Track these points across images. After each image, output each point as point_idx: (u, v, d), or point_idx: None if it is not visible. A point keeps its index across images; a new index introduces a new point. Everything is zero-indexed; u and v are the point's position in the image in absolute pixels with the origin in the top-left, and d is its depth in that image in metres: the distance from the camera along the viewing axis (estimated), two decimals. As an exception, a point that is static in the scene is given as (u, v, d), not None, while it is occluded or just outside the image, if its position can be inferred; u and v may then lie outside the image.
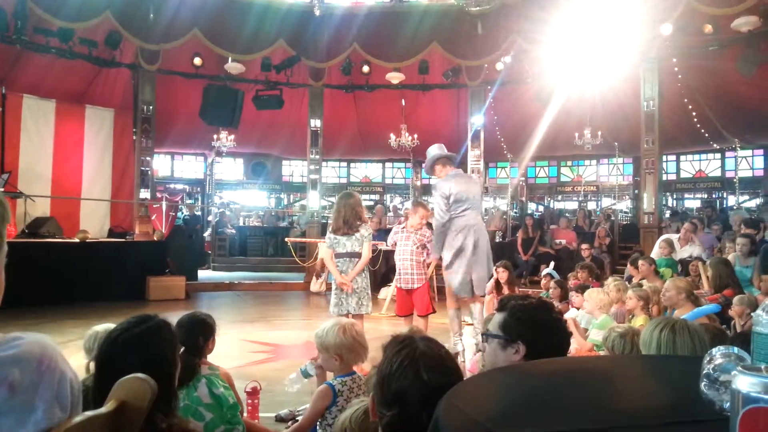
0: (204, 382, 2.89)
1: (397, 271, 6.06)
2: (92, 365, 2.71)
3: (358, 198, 5.44)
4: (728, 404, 0.82)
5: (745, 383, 0.76)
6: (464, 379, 1.50)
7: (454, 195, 5.40)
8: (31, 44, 9.92)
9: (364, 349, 2.95)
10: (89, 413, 1.09)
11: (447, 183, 5.45)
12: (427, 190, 20.63)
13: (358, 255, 5.22)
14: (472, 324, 6.89)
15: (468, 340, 6.48)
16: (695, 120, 13.07)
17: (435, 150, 5.74)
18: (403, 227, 6.13)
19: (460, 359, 5.06)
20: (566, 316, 5.13)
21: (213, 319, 3.12)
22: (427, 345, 1.52)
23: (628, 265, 7.03)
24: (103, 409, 1.14)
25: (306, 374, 3.32)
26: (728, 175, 17.49)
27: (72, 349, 5.13)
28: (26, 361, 0.98)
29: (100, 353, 1.78)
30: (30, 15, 9.49)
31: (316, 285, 11.19)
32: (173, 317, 1.94)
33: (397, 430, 1.42)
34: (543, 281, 7.42)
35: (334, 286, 5.38)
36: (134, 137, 11.60)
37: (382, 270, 10.24)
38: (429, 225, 6.24)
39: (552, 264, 8.07)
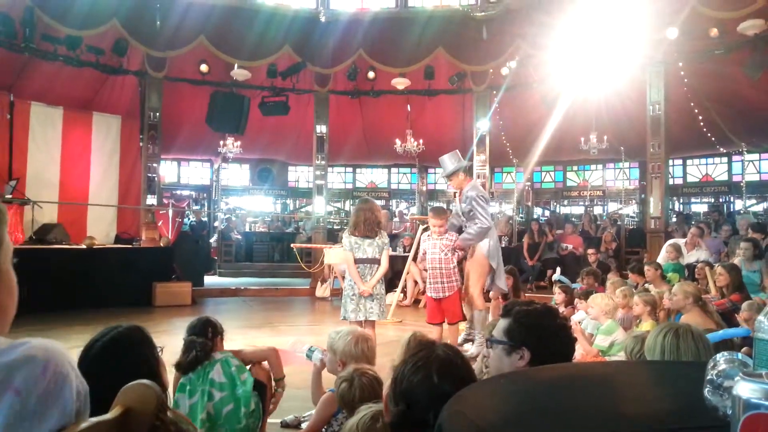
0: (219, 365, 3.15)
1: (430, 279, 6.01)
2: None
3: (377, 205, 5.53)
4: (731, 410, 0.82)
5: (746, 389, 0.76)
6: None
7: (489, 201, 5.83)
8: (38, 52, 9.99)
9: (369, 366, 2.95)
10: (95, 419, 1.09)
11: (483, 189, 5.95)
12: (432, 195, 20.65)
13: (378, 261, 5.29)
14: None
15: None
16: (701, 124, 13.03)
17: (457, 158, 6.11)
18: (429, 235, 6.06)
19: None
20: (572, 319, 5.12)
21: (219, 322, 3.43)
22: (445, 351, 1.54)
23: (629, 272, 7.00)
24: (108, 415, 1.15)
25: (309, 356, 3.40)
26: (735, 179, 17.39)
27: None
28: (32, 367, 0.98)
29: (80, 366, 1.82)
30: (37, 23, 9.57)
31: (320, 290, 11.21)
32: (180, 323, 1.99)
33: (401, 426, 1.44)
34: (555, 289, 7.38)
35: (347, 291, 5.36)
36: (141, 144, 11.67)
37: (388, 275, 10.22)
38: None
39: (558, 270, 8.05)
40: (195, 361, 3.11)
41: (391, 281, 10.17)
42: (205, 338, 3.22)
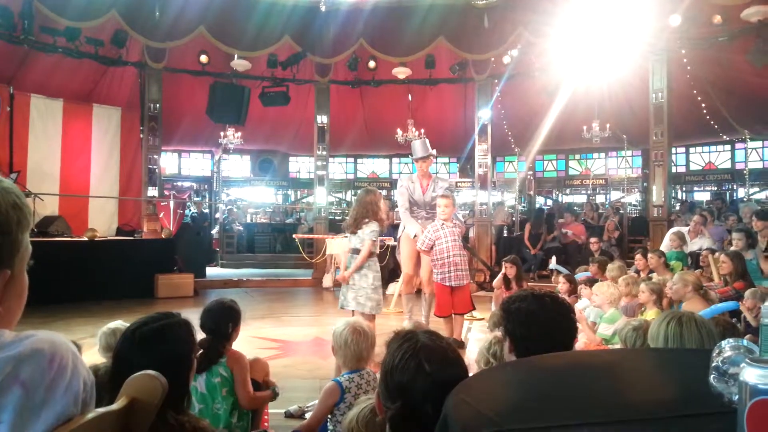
0: (204, 374, 2.92)
1: (445, 268, 5.86)
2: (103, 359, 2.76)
3: (374, 196, 5.52)
4: (737, 396, 0.82)
5: (752, 375, 0.75)
6: (467, 371, 1.50)
7: None
8: (38, 44, 9.96)
9: (354, 359, 2.92)
10: (100, 410, 1.10)
11: None
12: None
13: (359, 252, 5.35)
14: (482, 319, 6.91)
15: (474, 335, 6.49)
16: (704, 111, 12.97)
17: (427, 145, 6.52)
18: (442, 224, 5.93)
19: None
20: (576, 307, 5.12)
21: (238, 306, 3.16)
22: (429, 338, 1.52)
23: (637, 257, 6.98)
24: (114, 406, 1.15)
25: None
26: (738, 166, 17.33)
27: (81, 348, 5.18)
28: (38, 359, 0.99)
29: (117, 346, 1.80)
30: (36, 15, 9.52)
31: (326, 280, 11.23)
32: (183, 315, 1.95)
33: (402, 422, 1.43)
34: (553, 277, 7.41)
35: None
36: (141, 135, 11.65)
37: (390, 266, 10.23)
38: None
39: (554, 259, 8.05)
40: (201, 368, 2.88)
41: (393, 272, 10.19)
42: (222, 333, 2.99)
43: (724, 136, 15.54)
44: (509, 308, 1.90)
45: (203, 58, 11.45)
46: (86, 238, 9.49)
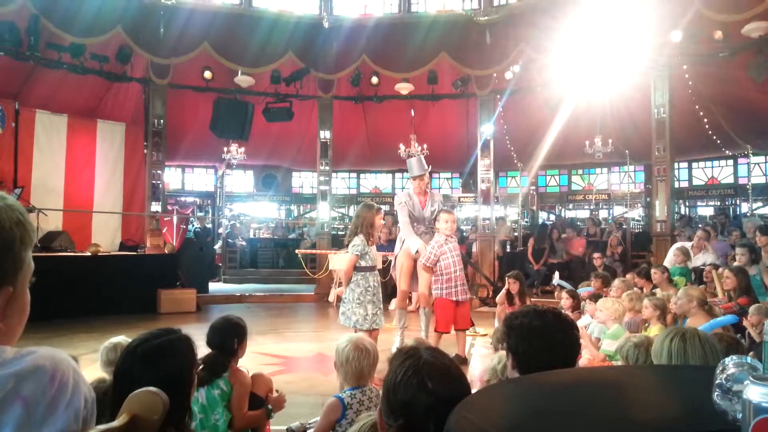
0: (205, 388, 2.95)
1: (451, 283, 5.90)
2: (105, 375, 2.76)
3: (367, 211, 5.59)
4: (741, 414, 0.81)
5: (756, 393, 0.75)
6: (470, 388, 1.49)
7: None
8: (43, 60, 10.04)
9: (355, 376, 2.91)
10: (101, 427, 1.09)
11: None
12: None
13: (369, 269, 5.52)
14: (486, 335, 6.88)
15: (477, 350, 6.46)
16: (707, 126, 12.98)
17: (423, 162, 6.38)
18: (446, 239, 5.95)
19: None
20: (578, 324, 5.09)
21: (245, 323, 3.19)
22: (432, 355, 1.51)
23: (636, 276, 6.95)
24: (115, 423, 1.15)
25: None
26: (741, 181, 17.30)
27: (84, 363, 5.15)
28: (39, 376, 0.98)
29: (119, 362, 1.80)
30: (42, 31, 9.63)
31: (331, 296, 11.20)
32: (185, 330, 1.95)
33: None
34: (557, 293, 7.38)
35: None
36: (145, 151, 11.70)
37: (393, 281, 10.20)
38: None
39: (557, 274, 8.03)
40: (203, 380, 2.91)
41: (395, 288, 10.15)
42: (228, 349, 3.02)
43: (727, 151, 15.53)
44: (511, 324, 1.90)
45: (207, 74, 11.52)
46: (89, 254, 9.50)
